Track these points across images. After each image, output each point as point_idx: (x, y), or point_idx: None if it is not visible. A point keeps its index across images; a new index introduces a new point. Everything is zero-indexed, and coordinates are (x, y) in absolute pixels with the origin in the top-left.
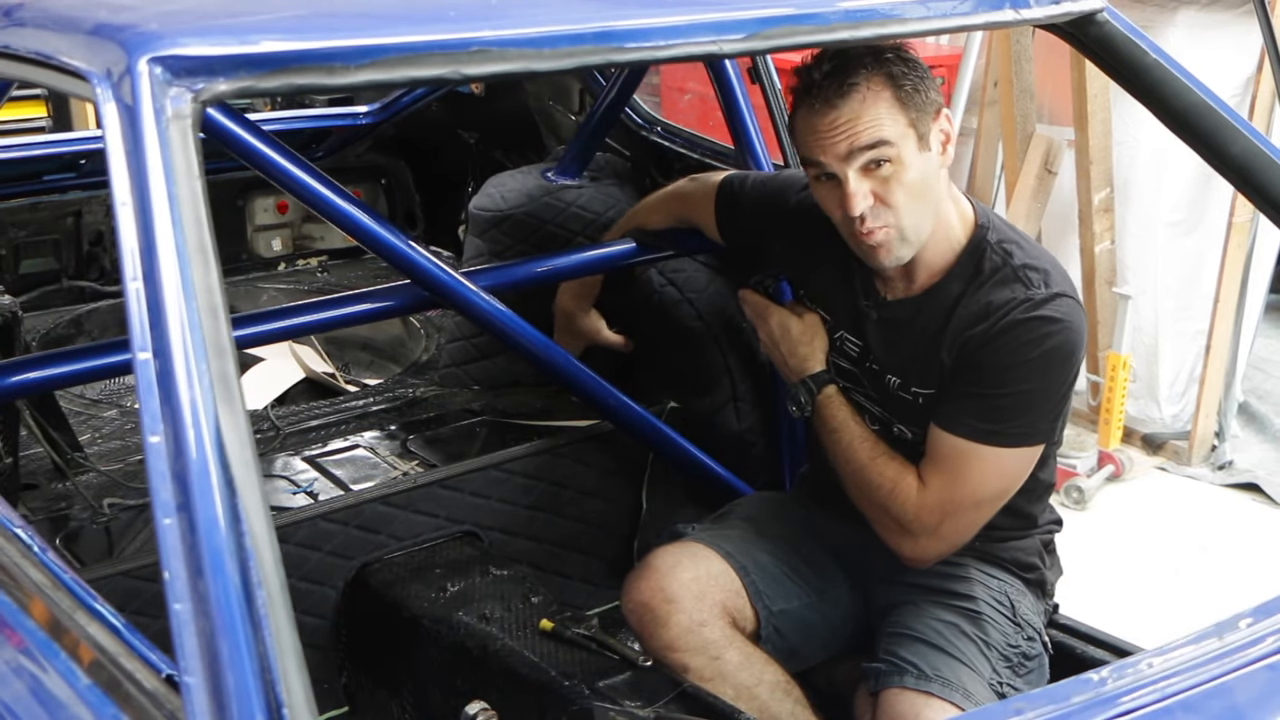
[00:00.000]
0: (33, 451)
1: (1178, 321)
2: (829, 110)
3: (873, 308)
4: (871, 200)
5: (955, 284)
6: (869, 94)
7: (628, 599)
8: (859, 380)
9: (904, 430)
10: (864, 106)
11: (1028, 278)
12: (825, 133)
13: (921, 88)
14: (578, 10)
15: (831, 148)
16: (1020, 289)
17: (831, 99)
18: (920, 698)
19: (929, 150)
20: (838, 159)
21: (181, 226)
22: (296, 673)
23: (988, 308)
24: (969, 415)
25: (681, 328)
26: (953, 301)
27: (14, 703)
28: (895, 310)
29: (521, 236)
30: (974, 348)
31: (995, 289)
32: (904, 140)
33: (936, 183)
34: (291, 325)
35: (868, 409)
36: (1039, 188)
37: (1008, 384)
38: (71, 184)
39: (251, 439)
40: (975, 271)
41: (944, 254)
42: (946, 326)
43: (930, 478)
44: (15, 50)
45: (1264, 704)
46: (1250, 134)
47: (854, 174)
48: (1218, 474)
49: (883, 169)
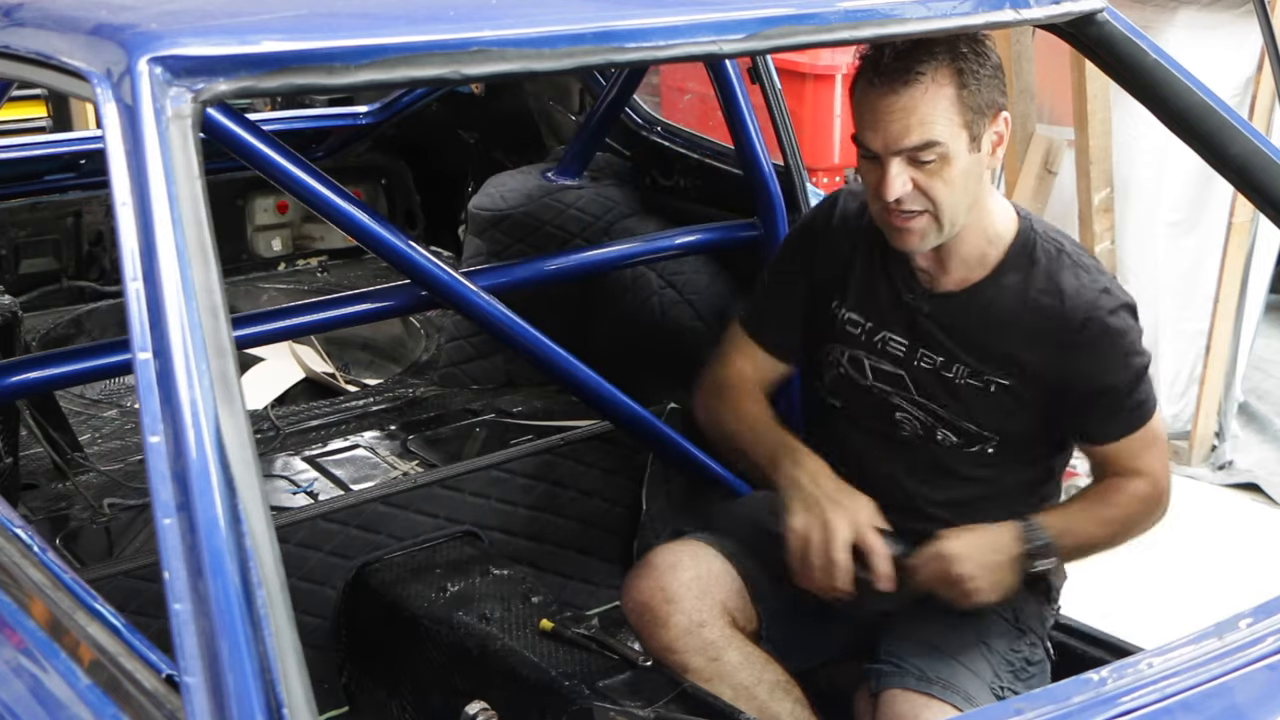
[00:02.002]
0: (33, 451)
1: (1178, 321)
2: (889, 94)
3: (921, 300)
4: (910, 187)
5: (1012, 274)
6: (933, 87)
7: (628, 598)
8: (902, 382)
9: (948, 435)
10: (923, 100)
11: (1088, 265)
12: (880, 116)
13: (987, 87)
14: (578, 10)
15: (883, 134)
16: (1086, 276)
17: (895, 84)
18: (921, 699)
19: (979, 151)
20: (884, 145)
21: (181, 226)
22: (296, 673)
23: (1061, 295)
24: (1129, 415)
25: (681, 328)
26: (1019, 289)
27: (14, 703)
28: (951, 302)
29: (521, 236)
30: (1082, 345)
31: (1061, 276)
32: (955, 140)
33: (978, 182)
34: (291, 325)
35: (910, 414)
36: (1039, 188)
37: (1134, 375)
38: (71, 184)
39: (251, 439)
40: (1030, 261)
41: (985, 246)
42: (1021, 315)
43: (1144, 461)
44: (15, 50)
45: (1264, 704)
46: (1250, 134)
47: (896, 161)
48: (1218, 474)
49: (927, 165)
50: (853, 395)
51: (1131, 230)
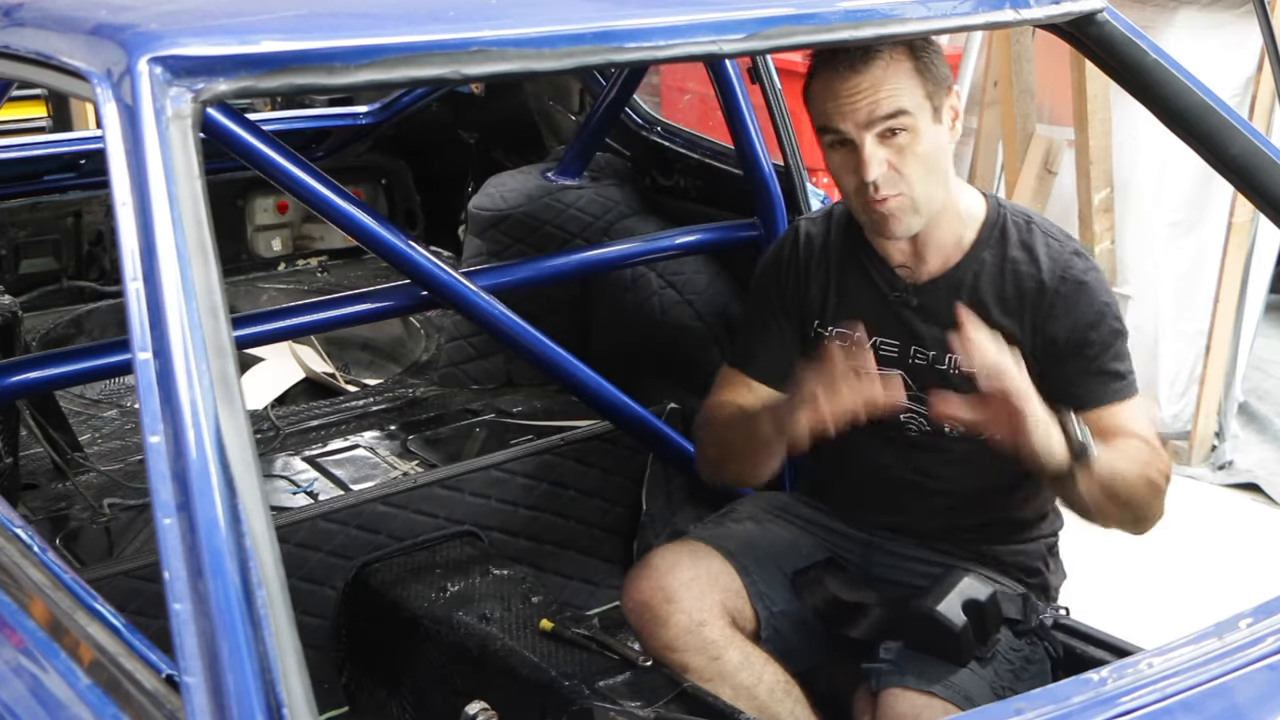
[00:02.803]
0: (33, 451)
1: (1178, 321)
2: (851, 75)
3: (908, 295)
4: (886, 167)
5: (987, 250)
6: (891, 62)
7: (628, 598)
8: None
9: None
10: (886, 73)
11: (1057, 234)
12: (846, 98)
13: (938, 61)
14: (578, 10)
15: (852, 114)
16: (1056, 243)
17: (856, 64)
18: (921, 698)
19: (941, 124)
20: (856, 125)
21: (181, 226)
22: (296, 673)
23: (1036, 260)
24: (1111, 380)
25: (681, 328)
26: (996, 263)
27: (14, 703)
28: (935, 288)
29: (521, 236)
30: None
31: (1034, 242)
32: (920, 111)
33: (946, 157)
34: (291, 325)
35: (915, 412)
36: (1039, 188)
37: (1101, 338)
38: (71, 184)
39: (251, 439)
40: (1003, 235)
41: (959, 228)
42: (1001, 286)
43: (1134, 440)
44: (15, 50)
45: (1264, 704)
46: (1250, 134)
47: (871, 140)
48: (1218, 474)
49: (898, 137)
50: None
51: (1131, 230)
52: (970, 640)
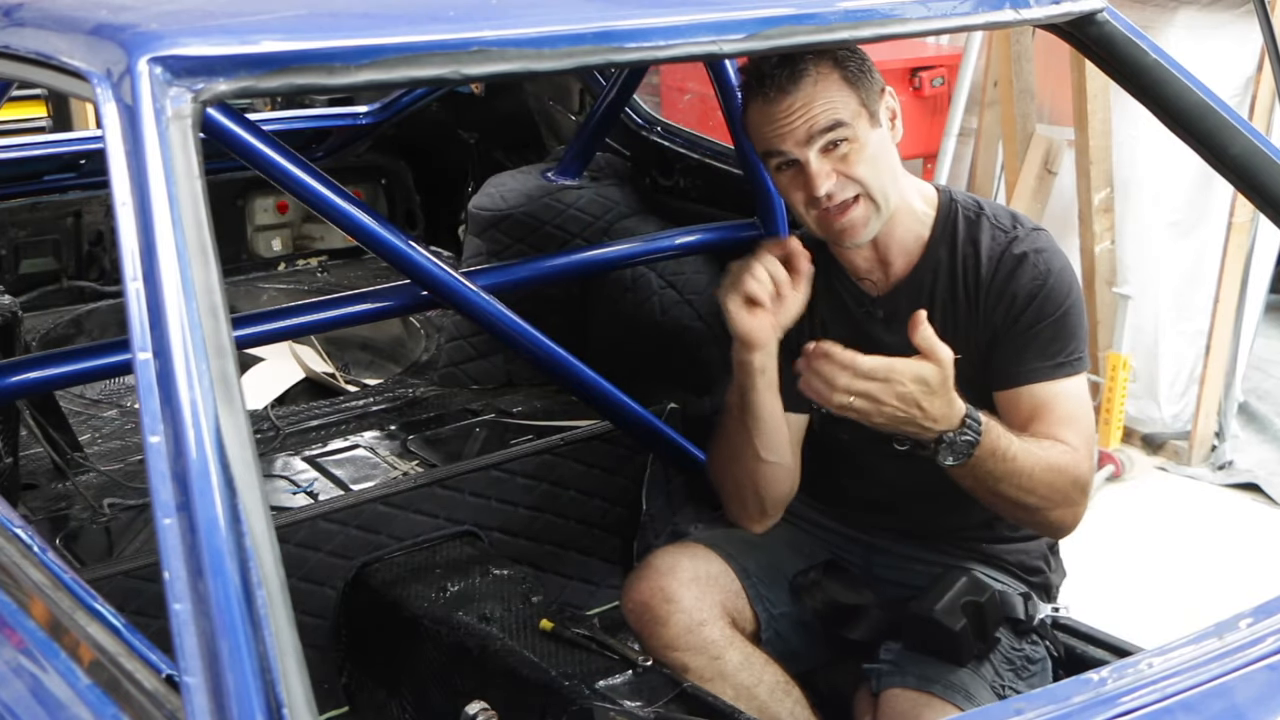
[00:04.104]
0: (33, 451)
1: (1178, 321)
2: (783, 97)
3: (874, 308)
4: (834, 178)
5: (941, 249)
6: (819, 77)
7: (628, 599)
8: None
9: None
10: (816, 89)
11: (1004, 224)
12: (782, 119)
13: (865, 68)
14: (578, 10)
15: (790, 134)
16: (1001, 234)
17: (784, 86)
18: (921, 698)
19: (880, 126)
20: (797, 144)
21: (181, 226)
22: (296, 673)
23: (978, 252)
24: (1034, 359)
25: (681, 328)
26: (948, 263)
27: (14, 703)
28: (896, 298)
29: (521, 236)
30: (993, 300)
31: (980, 236)
32: (857, 119)
33: (892, 156)
34: (291, 325)
35: None
36: (1039, 188)
37: (1044, 314)
38: (71, 184)
39: (251, 439)
40: (954, 231)
41: (916, 229)
42: (954, 287)
43: (1063, 433)
44: (15, 50)
45: (1264, 704)
46: (1250, 134)
47: (815, 155)
48: (1218, 474)
49: (840, 148)
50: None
51: (1131, 230)
52: (969, 640)
